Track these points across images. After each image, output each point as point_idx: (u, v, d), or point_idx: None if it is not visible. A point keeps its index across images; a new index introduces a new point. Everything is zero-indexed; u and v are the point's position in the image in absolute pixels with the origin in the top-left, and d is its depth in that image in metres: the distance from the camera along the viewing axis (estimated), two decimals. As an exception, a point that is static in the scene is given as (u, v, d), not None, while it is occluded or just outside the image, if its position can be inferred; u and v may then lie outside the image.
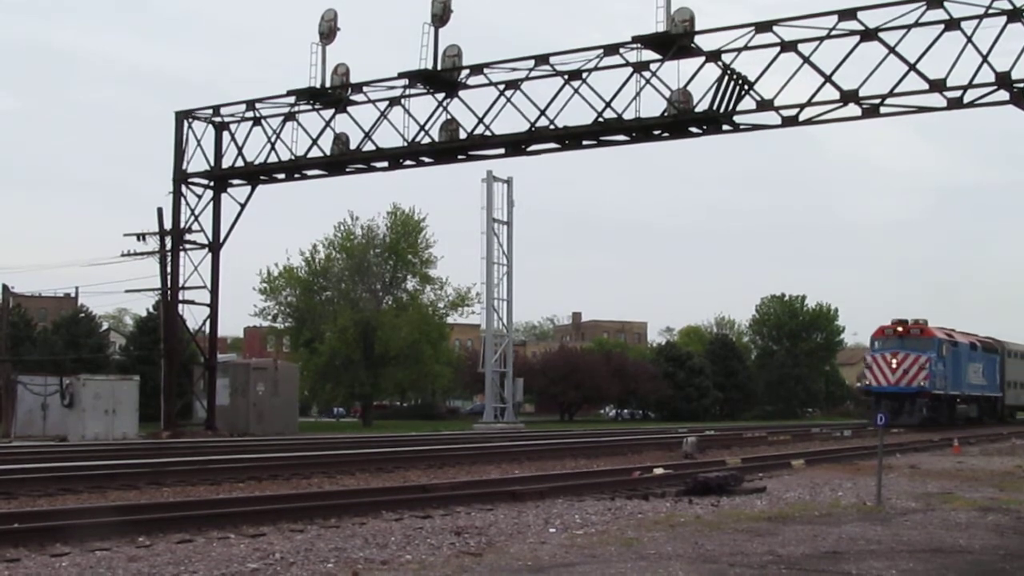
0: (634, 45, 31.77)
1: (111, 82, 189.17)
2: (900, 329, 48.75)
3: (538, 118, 33.27)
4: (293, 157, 38.00)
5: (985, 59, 27.43)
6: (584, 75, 32.65)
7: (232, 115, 39.78)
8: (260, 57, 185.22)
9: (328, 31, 36.76)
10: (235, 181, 40.58)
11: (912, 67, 28.30)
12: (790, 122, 30.64)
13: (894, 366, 47.08)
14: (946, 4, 28.02)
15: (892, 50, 28.57)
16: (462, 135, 34.94)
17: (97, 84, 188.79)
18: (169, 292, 40.23)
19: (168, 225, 39.97)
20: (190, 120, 40.17)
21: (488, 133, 34.41)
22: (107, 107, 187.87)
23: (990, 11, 27.61)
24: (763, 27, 30.21)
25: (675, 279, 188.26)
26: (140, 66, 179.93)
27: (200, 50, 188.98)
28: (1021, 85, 27.36)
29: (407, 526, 12.49)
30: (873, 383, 48.09)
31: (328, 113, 37.28)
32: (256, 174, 39.79)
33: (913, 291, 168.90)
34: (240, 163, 39.43)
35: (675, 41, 31.03)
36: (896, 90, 28.87)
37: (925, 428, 44.15)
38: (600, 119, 32.42)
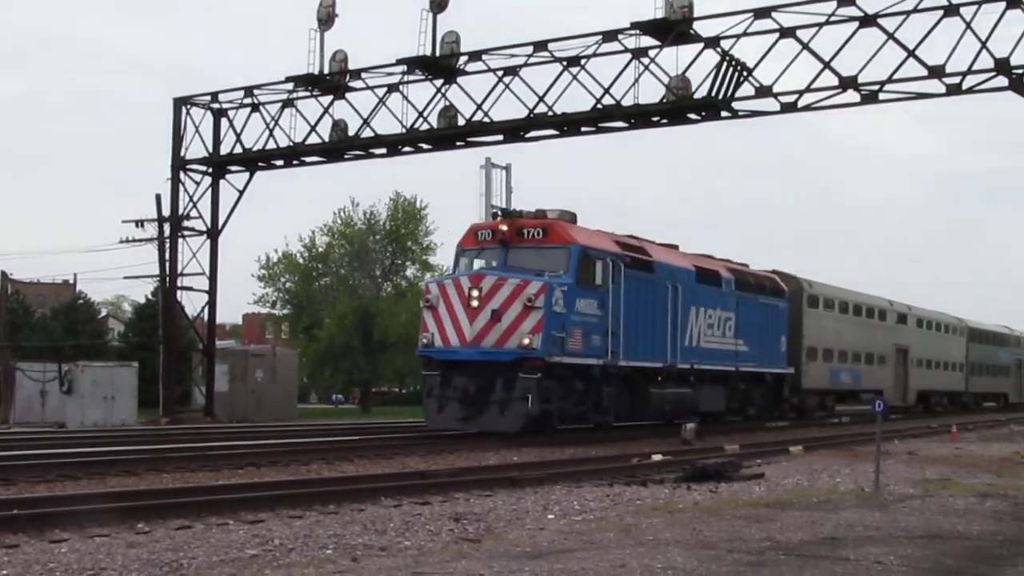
0: (633, 31, 31.66)
1: (108, 68, 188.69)
2: (504, 228, 25.34)
3: (536, 104, 33.20)
4: (291, 144, 37.88)
5: (984, 45, 27.35)
6: (582, 61, 32.54)
7: (230, 101, 39.67)
8: (258, 43, 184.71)
9: (326, 17, 36.60)
10: (233, 168, 40.49)
11: (911, 53, 28.23)
12: (789, 108, 30.58)
13: (475, 304, 23.79)
14: (945, -10, 27.94)
15: (891, 36, 28.49)
16: (460, 122, 34.86)
17: (94, 70, 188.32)
18: (167, 279, 40.18)
19: (166, 212, 39.88)
20: (188, 106, 40.05)
21: (486, 120, 34.33)
22: (105, 93, 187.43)
23: (989, -3, 27.51)
24: (762, 13, 30.12)
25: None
26: (138, 52, 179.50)
27: (198, 36, 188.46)
28: (1020, 71, 27.30)
29: (406, 512, 12.50)
30: (437, 341, 24.54)
31: (326, 99, 37.16)
32: (254, 160, 39.71)
33: (913, 278, 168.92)
34: (238, 150, 39.33)
35: (674, 27, 30.93)
36: (895, 76, 28.80)
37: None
38: (599, 105, 32.34)
